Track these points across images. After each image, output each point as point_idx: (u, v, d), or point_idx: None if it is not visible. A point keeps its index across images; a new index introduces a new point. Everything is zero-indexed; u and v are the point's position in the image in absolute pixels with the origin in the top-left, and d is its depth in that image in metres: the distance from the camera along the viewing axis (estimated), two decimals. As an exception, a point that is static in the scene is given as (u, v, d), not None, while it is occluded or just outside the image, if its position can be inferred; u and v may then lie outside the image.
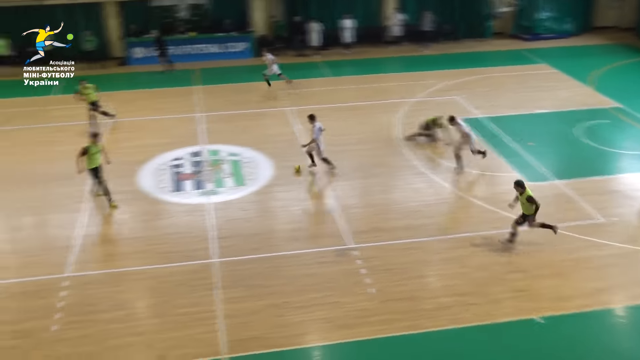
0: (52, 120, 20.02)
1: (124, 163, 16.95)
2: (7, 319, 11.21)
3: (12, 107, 21.14)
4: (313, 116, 16.28)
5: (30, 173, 16.53)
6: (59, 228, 14.06)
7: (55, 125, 19.67)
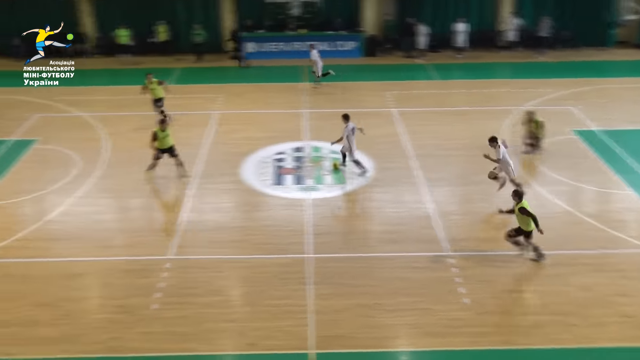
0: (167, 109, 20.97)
1: (230, 154, 17.54)
2: (113, 294, 11.92)
3: (131, 94, 22.36)
4: (347, 116, 16.20)
5: (144, 157, 17.43)
6: (166, 211, 14.77)
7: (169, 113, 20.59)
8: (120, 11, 26.78)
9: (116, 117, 20.36)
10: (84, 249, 13.35)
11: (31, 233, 13.95)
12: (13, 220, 14.55)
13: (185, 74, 24.76)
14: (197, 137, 18.73)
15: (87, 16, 27.05)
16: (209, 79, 24.09)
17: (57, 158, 17.52)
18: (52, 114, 20.70)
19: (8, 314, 11.37)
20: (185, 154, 17.49)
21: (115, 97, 22.19)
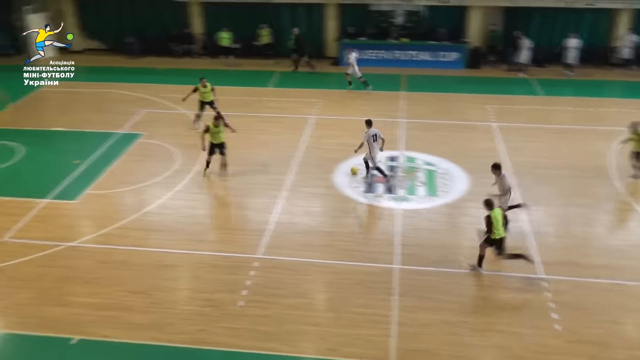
0: (265, 111, 21.54)
1: (324, 159, 17.73)
2: (202, 288, 12.33)
3: (232, 95, 23.10)
4: (370, 121, 16.18)
5: (241, 156, 17.95)
6: (258, 212, 15.11)
7: (266, 115, 21.14)
8: (226, 14, 27.71)
9: (217, 116, 21.03)
10: (178, 241, 13.90)
11: (131, 222, 14.67)
12: (115, 209, 15.37)
13: (285, 78, 25.25)
14: (293, 140, 19.06)
15: (196, 18, 28.18)
16: (309, 83, 24.44)
17: (159, 152, 18.35)
18: (158, 110, 21.70)
19: (106, 299, 12.01)
20: (280, 156, 17.87)
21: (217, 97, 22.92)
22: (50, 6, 28.71)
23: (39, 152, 18.60)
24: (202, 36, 28.09)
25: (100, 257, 13.33)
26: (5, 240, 13.97)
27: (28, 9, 27.69)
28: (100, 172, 17.18)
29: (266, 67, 26.73)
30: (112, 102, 22.67)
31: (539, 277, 12.49)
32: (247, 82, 24.66)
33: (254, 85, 24.24)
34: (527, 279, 12.44)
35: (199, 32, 28.31)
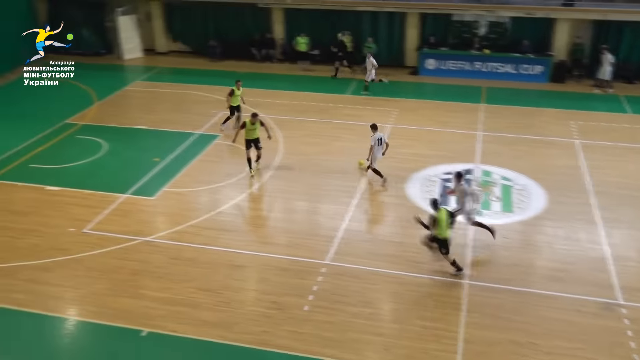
0: (340, 117, 21.67)
1: (397, 168, 17.66)
2: (269, 290, 12.53)
3: (309, 100, 23.38)
4: (375, 126, 16.82)
5: (315, 162, 18.14)
6: (328, 218, 15.21)
7: (341, 122, 21.26)
8: (307, 20, 28.04)
9: (293, 121, 21.36)
10: (248, 242, 14.18)
11: (204, 221, 15.09)
12: (190, 207, 15.84)
13: (361, 85, 25.30)
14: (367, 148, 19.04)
15: (277, 23, 28.69)
16: (385, 92, 24.38)
17: (235, 154, 18.78)
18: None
19: (176, 294, 12.40)
20: (354, 164, 17.92)
21: (294, 102, 23.29)
22: (141, 9, 29.95)
23: (121, 148, 19.42)
24: (282, 41, 28.56)
25: (172, 254, 13.77)
26: (86, 232, 14.66)
27: (120, 10, 28.98)
28: (178, 170, 17.75)
29: (342, 74, 26.87)
30: (192, 103, 23.39)
31: (617, 303, 11.99)
32: (324, 89, 24.87)
33: (330, 92, 24.43)
34: (604, 304, 11.98)
35: (279, 37, 28.79)
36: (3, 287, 12.72)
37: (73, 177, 17.48)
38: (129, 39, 29.55)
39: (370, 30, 27.46)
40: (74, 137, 20.33)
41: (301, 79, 26.41)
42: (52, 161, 18.50)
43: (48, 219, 15.26)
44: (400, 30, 27.64)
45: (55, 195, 16.46)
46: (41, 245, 14.20)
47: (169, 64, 28.41)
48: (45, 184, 17.04)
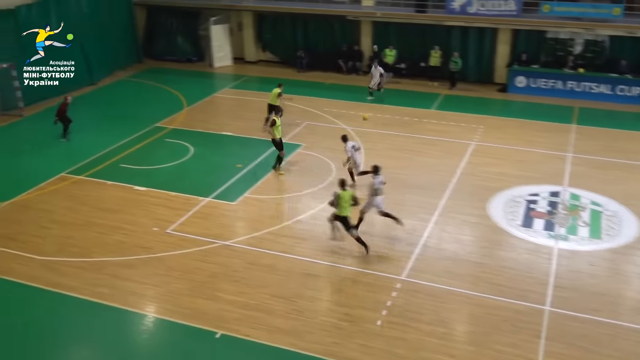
0: (423, 132, 21.46)
1: (479, 187, 17.29)
2: (342, 301, 12.52)
3: (392, 114, 23.28)
4: (345, 137, 17.23)
5: (396, 176, 18.01)
6: (406, 233, 15.04)
7: (425, 137, 21.04)
8: (395, 33, 27.98)
9: (376, 134, 21.33)
10: (325, 253, 14.22)
11: (282, 229, 15.27)
12: (269, 214, 16.08)
13: (448, 101, 24.99)
14: (450, 165, 18.80)
15: (365, 36, 28.78)
16: (471, 108, 23.98)
17: (316, 164, 18.94)
18: (319, 124, 22.43)
19: (251, 299, 12.60)
20: (436, 180, 17.70)
21: (377, 114, 23.26)
22: (233, 18, 30.83)
23: (207, 153, 19.99)
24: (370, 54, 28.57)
25: (250, 259, 14.01)
26: (169, 232, 15.14)
27: (213, 20, 29.95)
28: (260, 178, 18.08)
29: (430, 88, 26.62)
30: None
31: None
32: (409, 103, 24.73)
33: (415, 106, 24.25)
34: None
35: (367, 50, 28.87)
36: (89, 280, 13.32)
37: (160, 178, 18.13)
38: (220, 47, 30.48)
39: (459, 46, 27.10)
40: (163, 140, 21.10)
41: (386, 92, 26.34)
42: (141, 162, 19.27)
43: (134, 218, 15.89)
44: (491, 46, 27.11)
45: (142, 195, 17.11)
46: (127, 242, 14.79)
47: (257, 73, 29.06)
48: (133, 183, 17.77)
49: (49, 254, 14.38)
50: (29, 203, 16.86)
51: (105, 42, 28.52)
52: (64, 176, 18.41)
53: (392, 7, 27.91)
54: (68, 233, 15.28)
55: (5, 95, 23.76)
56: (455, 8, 25.98)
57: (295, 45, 29.88)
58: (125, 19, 30.17)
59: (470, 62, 27.23)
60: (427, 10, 26.98)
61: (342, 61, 28.86)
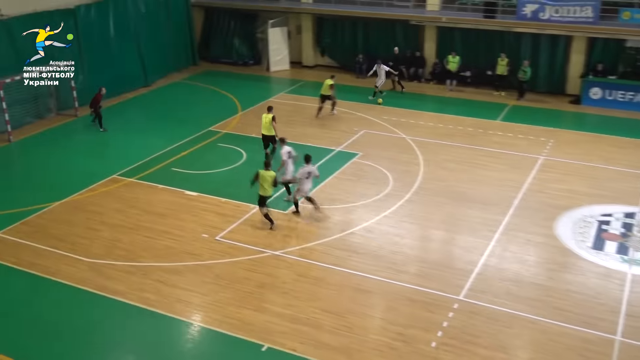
0: (488, 145, 21.09)
1: (547, 204, 16.87)
2: (396, 320, 12.37)
3: (455, 124, 22.99)
4: (284, 140, 17.54)
5: (456, 189, 17.78)
6: (465, 250, 14.79)
7: (489, 150, 20.68)
8: (461, 40, 27.66)
9: (436, 144, 21.10)
10: (378, 267, 14.11)
11: (334, 241, 15.25)
12: (321, 225, 16.08)
13: (515, 112, 24.51)
14: (516, 180, 18.41)
15: (429, 41, 28.57)
16: (540, 120, 23.45)
17: (372, 174, 18.85)
18: (377, 132, 22.34)
19: (299, 312, 12.60)
20: (500, 195, 17.39)
21: (439, 124, 23.03)
22: (291, 21, 31.13)
23: (259, 159, 20.05)
24: (434, 60, 28.32)
25: (300, 270, 14.02)
26: (218, 240, 15.32)
27: (271, 22, 30.30)
28: (313, 186, 18.09)
29: (497, 98, 26.19)
30: (333, 119, 23.83)
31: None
32: (473, 113, 24.37)
33: (480, 117, 23.88)
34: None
35: (430, 56, 28.64)
36: (136, 285, 13.59)
37: (211, 184, 18.39)
38: (278, 51, 30.79)
39: (529, 54, 26.57)
40: (216, 145, 21.42)
41: (449, 101, 26.08)
42: (193, 166, 19.61)
43: (184, 223, 16.15)
44: (564, 55, 26.45)
45: (193, 200, 17.39)
46: (175, 248, 15.04)
47: (315, 78, 29.18)
48: (184, 188, 18.09)
49: (97, 256, 14.76)
50: (79, 204, 17.37)
51: (161, 43, 29.27)
52: (115, 178, 18.90)
53: (459, 12, 27.60)
54: (116, 236, 15.66)
55: (61, 95, 24.60)
56: (526, 14, 25.51)
57: (355, 50, 29.91)
58: (182, 20, 30.86)
59: (541, 71, 26.64)
60: (496, 15, 26.57)
61: (404, 67, 28.68)
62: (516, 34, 26.59)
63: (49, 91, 24.11)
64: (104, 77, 25.77)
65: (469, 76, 27.55)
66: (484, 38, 27.31)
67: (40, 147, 21.64)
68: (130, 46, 27.49)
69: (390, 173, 18.89)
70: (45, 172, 19.68)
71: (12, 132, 22.11)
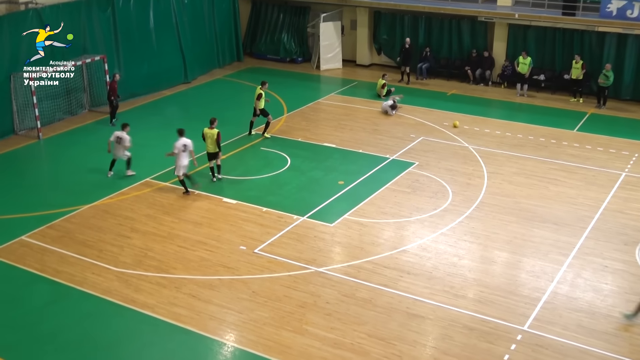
0: (562, 157, 20.73)
1: (629, 227, 16.49)
2: (450, 350, 12.24)
3: (525, 133, 22.67)
4: (181, 131, 18.24)
5: (524, 206, 17.50)
6: (532, 276, 14.55)
7: (563, 163, 20.31)
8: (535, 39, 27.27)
9: (503, 155, 20.83)
10: (432, 290, 13.99)
11: (385, 259, 15.19)
12: (371, 241, 16.03)
13: (594, 121, 24.03)
14: (593, 198, 18.03)
15: (499, 40, 28.26)
16: (623, 131, 22.91)
17: (429, 186, 18.73)
18: (436, 140, 22.21)
19: (343, 336, 12.58)
20: (574, 215, 17.10)
21: (507, 133, 22.75)
22: (346, 15, 31.26)
23: (305, 166, 20.28)
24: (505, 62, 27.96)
25: (345, 290, 14.01)
26: (257, 253, 15.44)
27: (323, 16, 30.45)
28: (363, 198, 18.10)
29: (573, 106, 25.72)
30: (388, 124, 23.79)
31: None
32: (546, 121, 23.99)
33: (554, 126, 23.49)
34: None
35: (500, 57, 28.32)
36: (167, 298, 13.80)
37: (251, 191, 18.57)
38: (329, 47, 30.91)
39: (613, 56, 26.02)
40: (259, 149, 21.64)
41: (520, 107, 25.73)
42: (232, 171, 19.84)
43: (220, 233, 16.33)
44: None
45: (231, 209, 17.57)
46: (210, 260, 15.22)
47: (369, 78, 29.21)
48: (222, 195, 18.30)
49: (126, 265, 15.05)
50: (110, 208, 17.75)
51: (203, 36, 29.80)
52: (148, 181, 19.26)
53: (534, 9, 27.21)
54: (148, 244, 15.93)
55: (94, 90, 25.22)
56: (611, 11, 25.02)
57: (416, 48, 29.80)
58: (227, 12, 31.35)
59: (626, 76, 26.04)
60: (577, 13, 26.10)
61: (469, 69, 28.43)
62: (599, 34, 26.09)
63: (82, 86, 24.79)
64: (141, 72, 26.40)
65: (543, 80, 27.16)
66: (561, 38, 26.90)
67: (71, 146, 22.23)
68: (170, 39, 28.03)
69: (450, 186, 18.73)
70: (74, 172, 20.18)
71: (41, 128, 22.78)
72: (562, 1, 26.55)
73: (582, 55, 26.11)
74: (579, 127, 23.46)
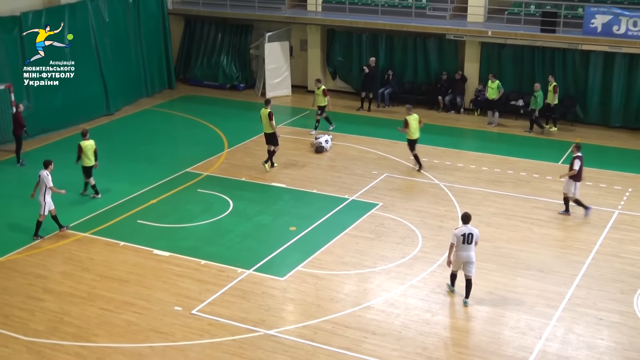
0: (545, 194, 21.09)
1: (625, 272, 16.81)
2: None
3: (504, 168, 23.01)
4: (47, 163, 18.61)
5: (505, 252, 17.71)
6: (518, 332, 14.67)
7: (546, 200, 20.67)
8: (512, 59, 27.86)
9: (479, 193, 21.12)
10: (402, 352, 14.00)
11: (346, 317, 15.15)
12: (329, 296, 16.00)
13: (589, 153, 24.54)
14: (582, 240, 18.36)
15: (470, 61, 28.77)
16: (614, 163, 23.44)
17: (395, 231, 18.84)
18: (402, 177, 22.42)
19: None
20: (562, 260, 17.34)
21: (483, 167, 23.08)
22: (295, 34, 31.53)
23: (250, 210, 20.23)
24: (478, 86, 28.39)
25: (300, 356, 13.92)
26: (194, 314, 15.25)
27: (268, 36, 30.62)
28: (319, 246, 18.09)
29: (558, 135, 26.27)
30: (347, 159, 23.95)
31: None
32: (528, 153, 24.44)
33: (537, 158, 23.93)
34: None
35: (472, 79, 28.78)
36: (86, 372, 13.50)
37: (187, 240, 18.42)
38: (276, 71, 31.09)
39: (600, 78, 26.69)
40: (195, 191, 21.53)
41: (497, 138, 26.16)
42: (164, 218, 19.67)
43: (151, 292, 16.11)
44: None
45: (163, 262, 17.38)
46: (139, 324, 14.97)
47: (323, 107, 29.40)
48: (152, 246, 18.11)
49: (38, 334, 14.70)
50: (17, 265, 17.38)
51: (129, 60, 29.69)
52: (64, 232, 18.93)
53: (510, 25, 27.74)
54: (64, 307, 15.61)
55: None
56: (595, 27, 25.74)
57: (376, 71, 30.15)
58: (156, 32, 31.34)
59: (615, 100, 26.73)
60: (557, 29, 26.68)
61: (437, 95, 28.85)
62: (582, 53, 26.82)
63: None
64: (54, 102, 26.08)
65: (522, 106, 27.63)
66: (540, 57, 27.54)
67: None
68: (89, 64, 27.80)
69: (419, 230, 18.87)
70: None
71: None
72: (540, 16, 27.22)
73: (555, 77, 26.54)
74: (564, 159, 23.90)
